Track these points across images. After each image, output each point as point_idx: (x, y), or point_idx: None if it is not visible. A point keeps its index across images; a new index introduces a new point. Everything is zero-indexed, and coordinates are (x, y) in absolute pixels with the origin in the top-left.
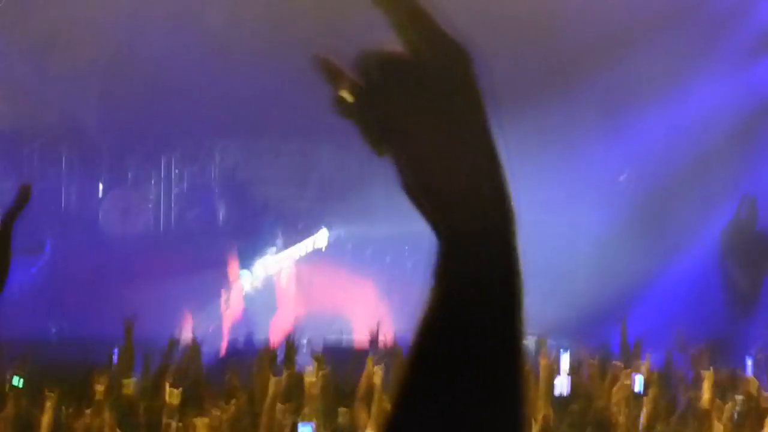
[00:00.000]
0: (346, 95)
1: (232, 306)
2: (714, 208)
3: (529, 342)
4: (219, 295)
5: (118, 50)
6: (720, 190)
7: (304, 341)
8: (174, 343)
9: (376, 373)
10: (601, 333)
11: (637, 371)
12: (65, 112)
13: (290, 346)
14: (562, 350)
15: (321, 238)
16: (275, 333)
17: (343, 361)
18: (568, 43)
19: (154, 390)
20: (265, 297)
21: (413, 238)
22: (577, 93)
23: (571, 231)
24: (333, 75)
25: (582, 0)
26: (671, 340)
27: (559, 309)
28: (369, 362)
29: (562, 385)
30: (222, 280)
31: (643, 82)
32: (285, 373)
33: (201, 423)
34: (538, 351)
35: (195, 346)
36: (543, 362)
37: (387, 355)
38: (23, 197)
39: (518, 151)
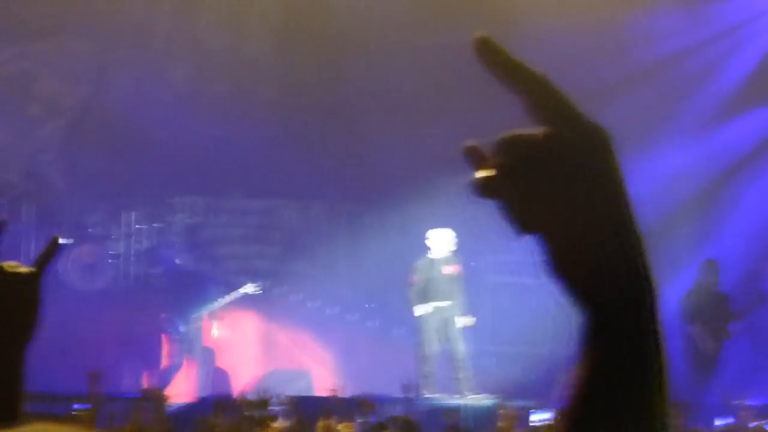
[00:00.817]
0: (488, 174)
1: (197, 361)
2: (675, 272)
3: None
4: (184, 351)
5: (81, 108)
6: (681, 254)
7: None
8: (141, 397)
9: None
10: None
11: None
12: (27, 171)
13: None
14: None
15: (284, 296)
16: (241, 388)
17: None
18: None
19: None
20: (230, 354)
21: (376, 297)
22: None
23: (533, 294)
24: (478, 160)
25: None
26: None
27: (523, 371)
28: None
29: None
30: (187, 337)
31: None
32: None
33: None
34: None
35: (160, 401)
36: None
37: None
38: (53, 245)
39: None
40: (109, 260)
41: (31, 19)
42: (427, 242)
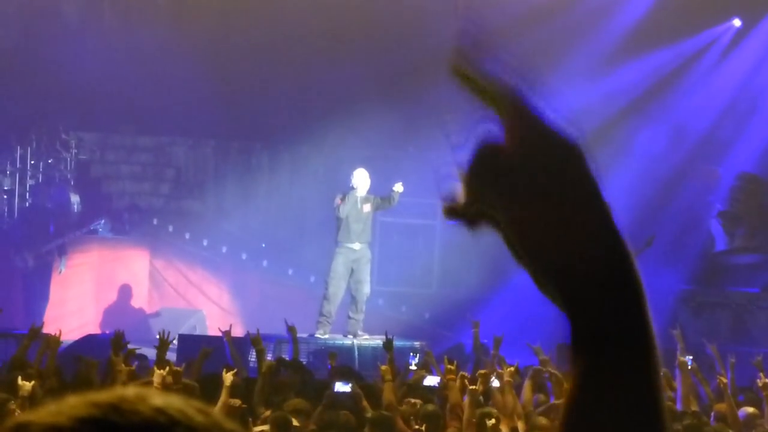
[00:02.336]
0: (468, 202)
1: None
2: None
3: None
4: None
5: None
6: None
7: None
8: (34, 332)
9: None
10: (454, 335)
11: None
12: None
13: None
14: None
15: (177, 235)
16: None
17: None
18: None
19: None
20: (120, 291)
21: (269, 236)
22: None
23: (425, 236)
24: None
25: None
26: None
27: (408, 312)
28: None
29: None
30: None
31: None
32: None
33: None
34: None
35: (51, 336)
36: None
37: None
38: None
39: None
40: (2, 196)
41: None
42: (352, 180)
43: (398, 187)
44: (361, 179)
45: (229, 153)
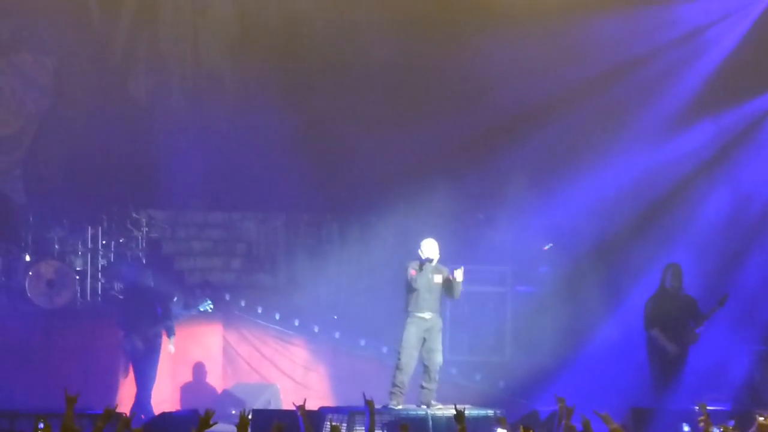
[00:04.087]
0: None
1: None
2: (638, 277)
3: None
4: (117, 367)
5: (41, 124)
6: (644, 258)
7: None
8: (108, 414)
9: None
10: (529, 403)
11: None
12: None
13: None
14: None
15: (250, 309)
16: (206, 402)
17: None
18: (488, 114)
19: None
20: (194, 367)
21: (341, 307)
22: (502, 162)
23: (496, 304)
24: None
25: (510, 67)
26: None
27: (483, 381)
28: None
29: None
30: (118, 353)
31: (569, 151)
32: None
33: None
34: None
35: (124, 417)
36: None
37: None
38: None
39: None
40: (74, 276)
41: None
42: (423, 250)
43: (459, 275)
44: (432, 249)
45: (299, 226)
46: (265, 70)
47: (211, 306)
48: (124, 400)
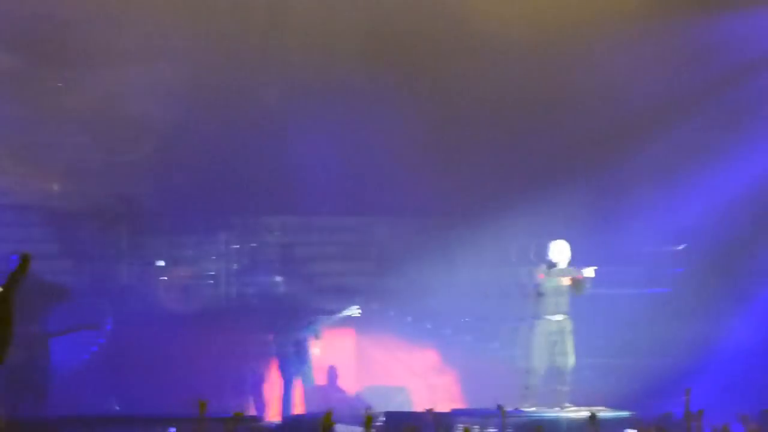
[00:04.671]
0: None
1: (286, 379)
2: None
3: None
4: (278, 371)
5: (173, 131)
6: None
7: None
8: (238, 417)
9: None
10: (663, 404)
11: None
12: (120, 194)
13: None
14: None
15: (382, 312)
16: (339, 405)
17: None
18: (617, 115)
19: None
20: (327, 371)
21: (473, 310)
22: (628, 165)
23: (630, 305)
24: None
25: (637, 67)
26: (730, 410)
27: (618, 383)
28: None
29: None
30: (267, 356)
31: (699, 150)
32: None
33: None
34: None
35: (256, 420)
36: None
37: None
38: (24, 264)
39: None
40: (208, 281)
41: (122, 43)
42: (551, 252)
43: (589, 272)
44: (560, 252)
45: (431, 229)
46: (394, 76)
47: (359, 311)
48: (256, 403)
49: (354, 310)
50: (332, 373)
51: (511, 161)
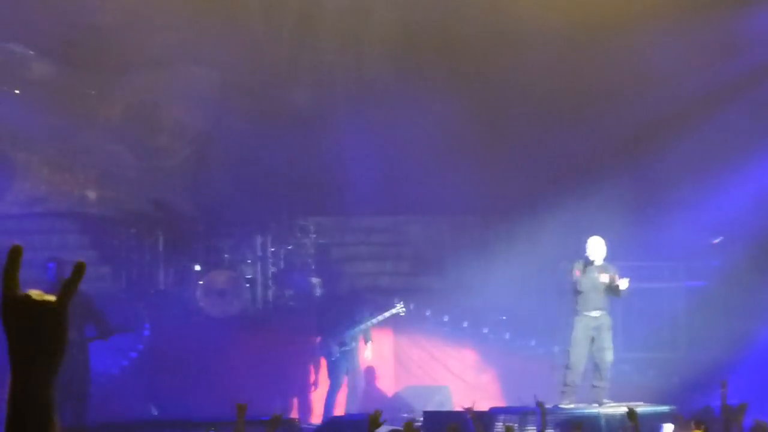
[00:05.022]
0: None
1: (329, 384)
2: None
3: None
4: (312, 373)
5: (206, 135)
6: None
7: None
8: (276, 420)
9: None
10: (702, 398)
11: None
12: (157, 200)
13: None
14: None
15: (419, 312)
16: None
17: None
18: (654, 109)
19: None
20: (366, 372)
21: (510, 308)
22: (669, 156)
23: (668, 299)
24: None
25: (669, 62)
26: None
27: (657, 378)
28: None
29: None
30: (315, 359)
31: (735, 143)
32: None
33: None
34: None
35: (295, 422)
36: None
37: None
38: (78, 272)
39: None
40: (245, 284)
41: (154, 50)
42: (588, 249)
43: (623, 284)
44: (597, 248)
45: (466, 227)
46: (427, 74)
47: (404, 309)
48: (300, 405)
49: (399, 308)
50: (371, 374)
51: (547, 158)
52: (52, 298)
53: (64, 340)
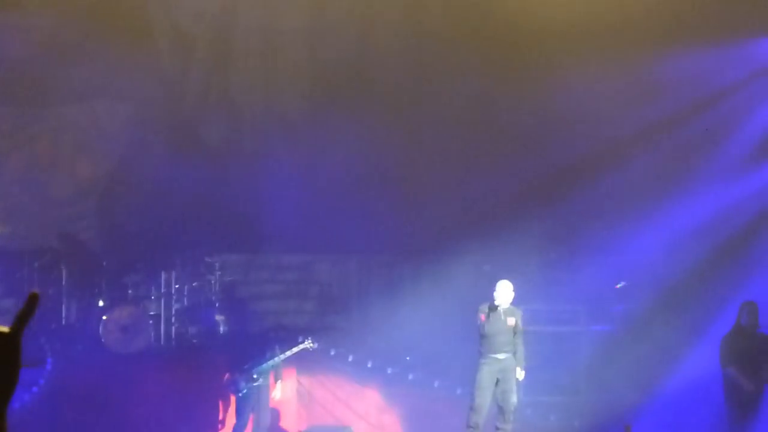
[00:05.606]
0: None
1: (235, 422)
2: (714, 314)
3: None
4: (219, 411)
5: (116, 170)
6: (719, 297)
7: None
8: None
9: None
10: None
11: None
12: (62, 233)
13: None
14: None
15: (323, 351)
16: None
17: None
18: (568, 152)
19: None
20: (269, 411)
21: (414, 348)
22: (574, 204)
23: (572, 343)
24: None
25: (585, 106)
26: None
27: (559, 421)
28: None
29: None
30: (223, 396)
31: (643, 189)
32: None
33: None
34: None
35: None
36: None
37: None
38: (31, 304)
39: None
40: (149, 321)
41: (63, 84)
42: (496, 292)
43: (520, 375)
44: (504, 291)
45: (372, 267)
46: (338, 113)
47: (312, 344)
48: None
49: (308, 344)
50: (276, 413)
51: (457, 199)
52: (5, 328)
53: (18, 370)
